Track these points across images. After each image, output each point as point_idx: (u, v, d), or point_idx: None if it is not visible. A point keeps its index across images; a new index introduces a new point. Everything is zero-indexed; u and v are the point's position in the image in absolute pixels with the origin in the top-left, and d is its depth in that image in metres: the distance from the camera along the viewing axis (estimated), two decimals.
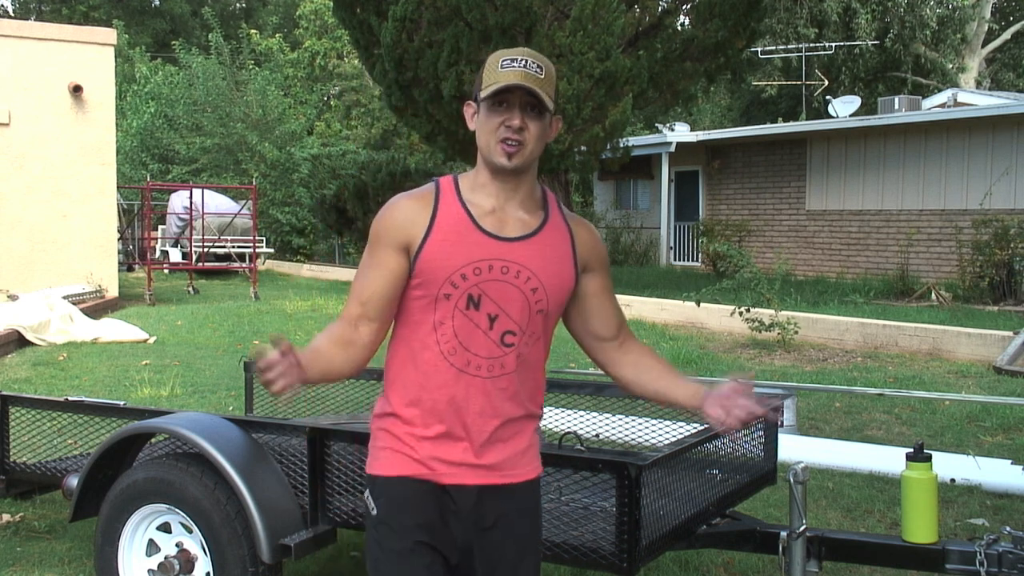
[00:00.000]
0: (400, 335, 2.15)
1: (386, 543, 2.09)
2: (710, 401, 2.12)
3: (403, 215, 2.11)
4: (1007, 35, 31.41)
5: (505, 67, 2.03)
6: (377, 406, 2.19)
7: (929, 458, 2.98)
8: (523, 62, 2.03)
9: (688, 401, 2.18)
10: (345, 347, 2.10)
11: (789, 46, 28.22)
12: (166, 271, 21.39)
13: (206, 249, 20.47)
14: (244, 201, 20.97)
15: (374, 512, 2.12)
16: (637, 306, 12.40)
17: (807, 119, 23.72)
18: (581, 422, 4.32)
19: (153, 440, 3.76)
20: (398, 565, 2.07)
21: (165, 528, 3.26)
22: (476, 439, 2.10)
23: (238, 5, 48.64)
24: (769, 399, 1.96)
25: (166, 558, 3.21)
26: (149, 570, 3.27)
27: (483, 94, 2.06)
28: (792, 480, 2.97)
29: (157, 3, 46.39)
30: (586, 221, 2.28)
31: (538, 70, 2.04)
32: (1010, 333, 9.08)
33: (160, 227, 23.20)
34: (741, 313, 10.09)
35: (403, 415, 2.12)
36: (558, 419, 4.47)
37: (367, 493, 2.15)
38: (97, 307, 13.38)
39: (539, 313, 2.11)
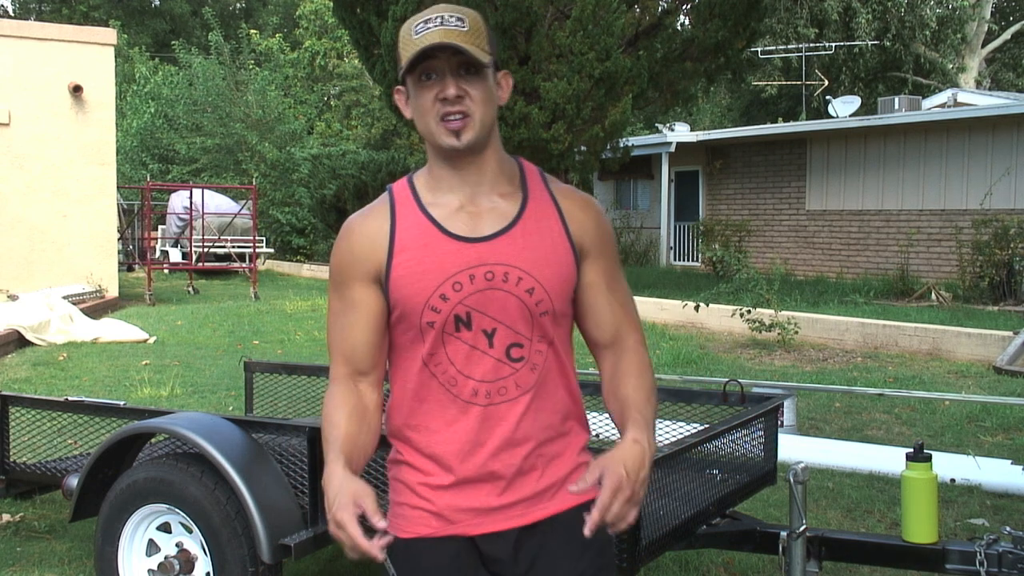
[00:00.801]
0: (395, 377, 1.84)
1: None
2: (596, 466, 1.63)
3: (359, 242, 1.78)
4: (1007, 35, 31.42)
5: (419, 32, 1.68)
6: (391, 452, 1.87)
7: (929, 458, 2.98)
8: (438, 19, 1.68)
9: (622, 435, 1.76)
10: (367, 422, 1.78)
11: (789, 46, 28.23)
12: (166, 271, 21.39)
13: (206, 249, 20.47)
14: (244, 201, 20.97)
15: None
16: (637, 306, 12.34)
17: (807, 119, 23.72)
18: None
19: (153, 440, 3.76)
20: None
21: (165, 528, 3.26)
22: (503, 476, 1.76)
23: (238, 5, 48.64)
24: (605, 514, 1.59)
25: (166, 558, 3.21)
26: (149, 570, 3.27)
27: (403, 67, 1.71)
28: (792, 480, 2.97)
29: (157, 3, 46.40)
30: (583, 194, 1.87)
31: (459, 22, 1.69)
32: (1010, 333, 9.08)
33: (160, 227, 23.21)
34: (742, 315, 10.10)
35: (414, 463, 1.79)
36: None
37: (386, 554, 1.76)
38: (97, 307, 13.38)
39: (544, 316, 1.76)
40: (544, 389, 1.78)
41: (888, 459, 5.34)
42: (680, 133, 20.39)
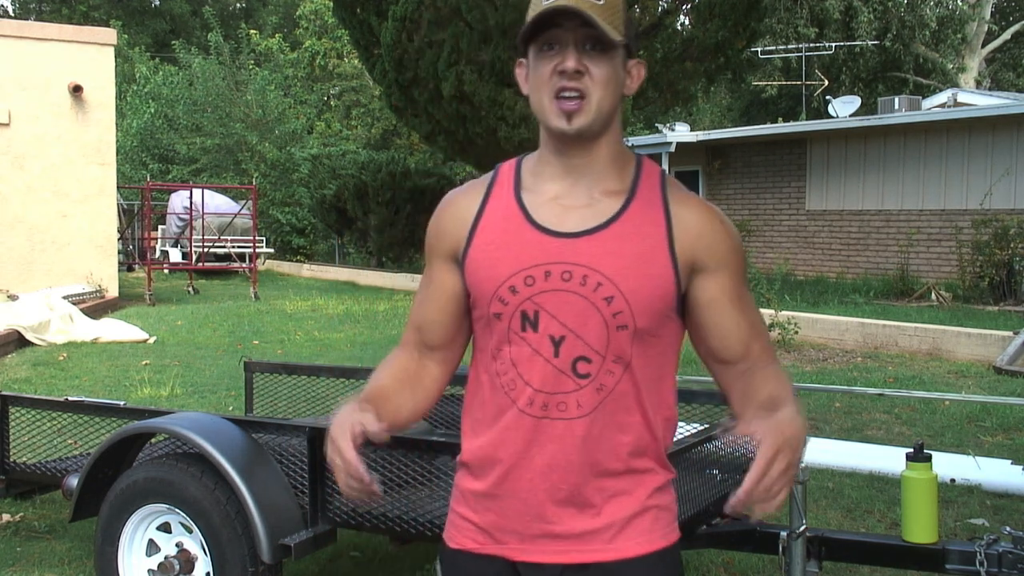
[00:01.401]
0: (471, 369, 1.71)
1: None
2: (759, 424, 1.47)
3: (448, 217, 1.68)
4: (1007, 35, 31.42)
5: None
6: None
7: (929, 458, 2.98)
8: None
9: (753, 408, 1.59)
10: (412, 387, 1.70)
11: (789, 46, 28.22)
12: (166, 271, 21.39)
13: (206, 249, 20.47)
14: (244, 201, 20.97)
15: None
16: None
17: (807, 119, 23.72)
18: None
19: (153, 440, 3.76)
20: None
21: (165, 528, 3.26)
22: (551, 501, 1.59)
23: (238, 5, 48.65)
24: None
25: (166, 558, 3.21)
26: (149, 570, 3.27)
27: (523, 34, 1.56)
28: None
29: (157, 3, 46.41)
30: (705, 203, 1.67)
31: None
32: (1010, 333, 9.08)
33: (160, 227, 23.21)
34: None
35: (469, 464, 1.67)
36: None
37: (438, 563, 1.75)
38: (97, 307, 13.38)
39: (621, 330, 1.56)
40: (612, 416, 1.58)
41: (888, 459, 5.33)
42: (680, 133, 20.38)
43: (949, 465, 5.15)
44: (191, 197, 19.44)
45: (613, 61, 1.55)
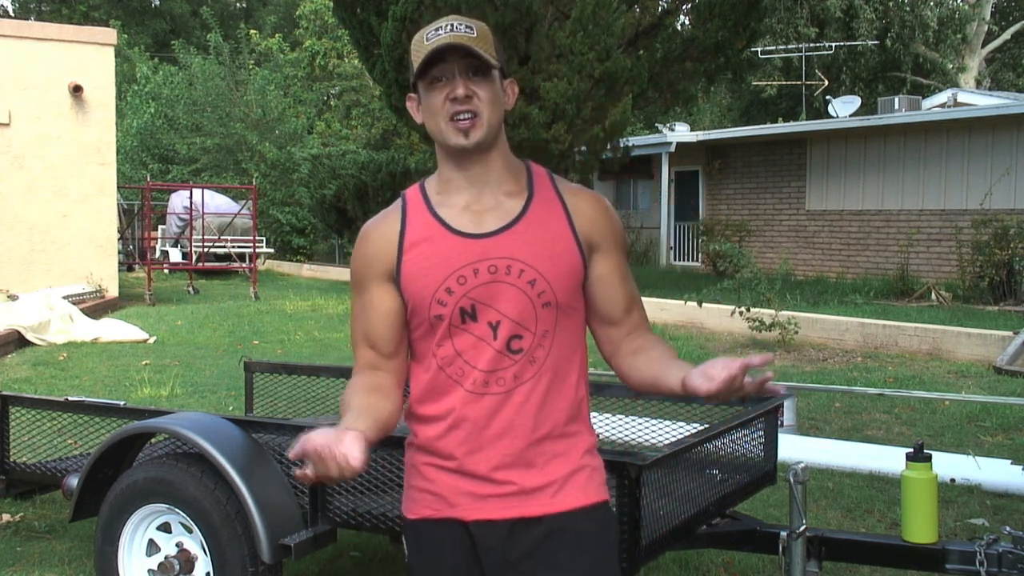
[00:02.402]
0: (412, 369, 1.94)
1: None
2: (695, 373, 1.74)
3: (373, 244, 1.90)
4: (1007, 35, 31.42)
5: (430, 38, 1.79)
6: (408, 436, 1.99)
7: (929, 458, 2.98)
8: (448, 27, 1.80)
9: (675, 378, 1.79)
10: (379, 393, 1.87)
11: (789, 46, 28.22)
12: (166, 271, 21.39)
13: (206, 249, 20.47)
14: (244, 201, 20.97)
15: (406, 557, 1.95)
16: None
17: (807, 119, 23.72)
18: None
19: (153, 440, 3.76)
20: None
21: (165, 528, 3.26)
22: (500, 465, 1.83)
23: (238, 5, 48.65)
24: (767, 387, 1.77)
25: (166, 558, 3.21)
26: (149, 570, 3.27)
27: (416, 72, 1.81)
28: (792, 480, 2.97)
29: (157, 3, 46.41)
30: (592, 193, 1.96)
31: (468, 30, 1.80)
32: (1010, 333, 9.08)
33: (160, 227, 23.21)
34: (741, 313, 10.10)
35: (423, 446, 1.90)
36: None
37: (403, 537, 1.97)
38: (97, 307, 13.38)
39: (546, 307, 1.83)
40: (546, 384, 1.83)
41: (888, 459, 5.34)
42: (680, 133, 20.39)
43: (949, 465, 5.15)
44: (191, 197, 19.44)
45: (493, 83, 1.83)
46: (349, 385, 1.90)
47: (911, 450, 3.00)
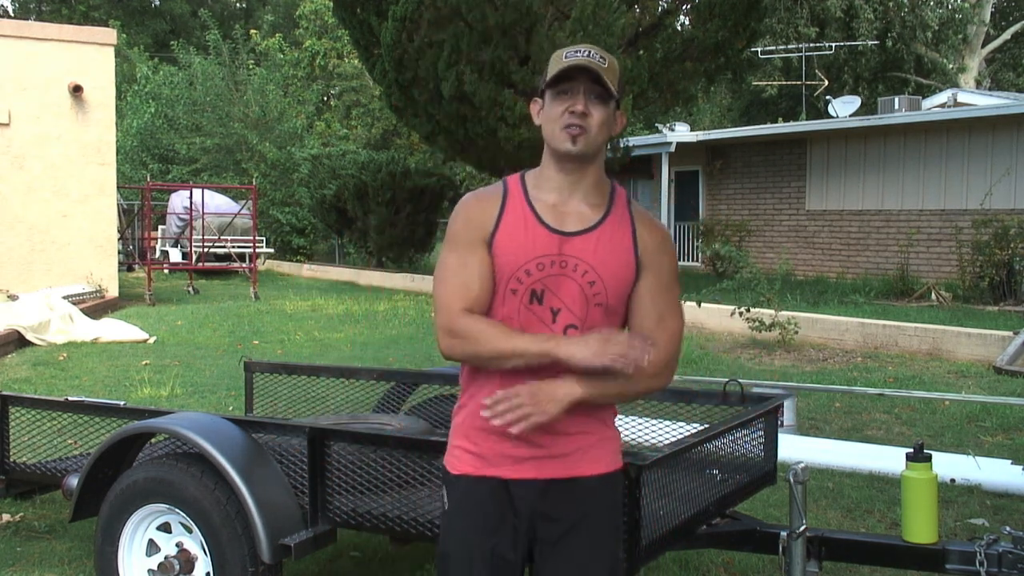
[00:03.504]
0: None
1: (450, 538, 2.20)
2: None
3: (476, 211, 2.17)
4: (1007, 35, 31.41)
5: (569, 57, 2.09)
6: (459, 399, 2.27)
7: (929, 458, 2.98)
8: (587, 52, 2.09)
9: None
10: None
11: (789, 46, 28.21)
12: (166, 271, 21.39)
13: (206, 249, 20.47)
14: (244, 201, 20.97)
15: (446, 507, 2.22)
16: None
17: (807, 119, 23.71)
18: None
19: (153, 440, 3.76)
20: (457, 561, 2.17)
21: (165, 528, 3.26)
22: (542, 433, 2.11)
23: (238, 5, 48.65)
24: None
25: (166, 558, 3.21)
26: (149, 570, 3.27)
27: (548, 80, 2.11)
28: (792, 480, 2.97)
29: (157, 3, 46.41)
30: (659, 223, 2.27)
31: (601, 60, 2.09)
32: (1010, 333, 9.08)
33: (160, 227, 23.20)
34: (741, 313, 10.10)
35: (472, 410, 2.17)
36: None
37: (444, 487, 2.24)
38: (97, 307, 13.38)
39: (598, 306, 2.14)
40: (587, 373, 2.07)
41: (888, 459, 5.34)
42: (680, 133, 20.37)
43: (949, 465, 5.15)
44: (191, 197, 19.43)
45: (608, 109, 2.12)
46: (474, 321, 2.11)
47: (911, 450, 3.00)
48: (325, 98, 35.06)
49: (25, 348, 10.39)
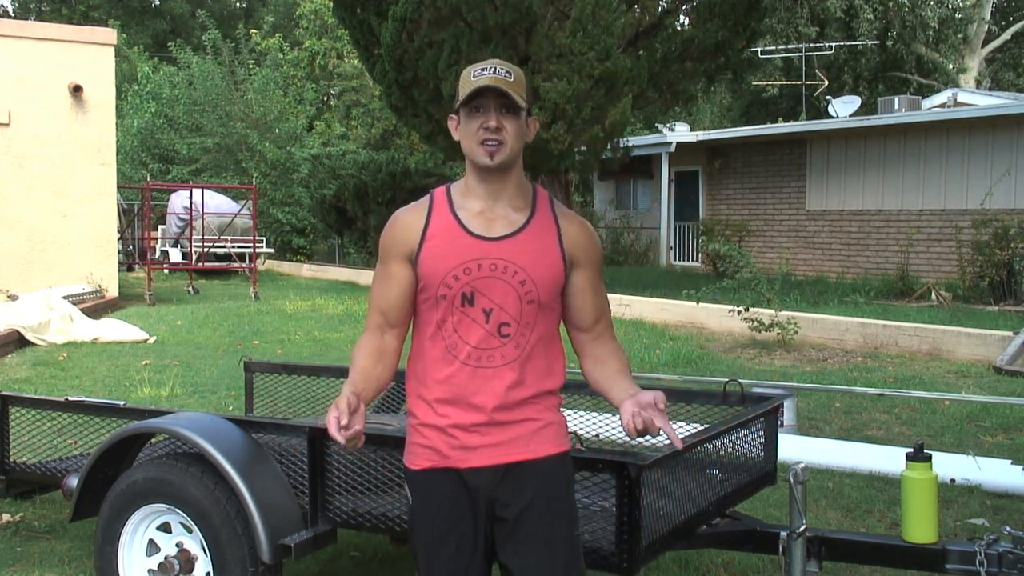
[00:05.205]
0: (414, 336, 2.38)
1: (418, 530, 2.34)
2: (628, 402, 2.15)
3: (400, 228, 2.33)
4: (1007, 35, 31.41)
5: (476, 76, 2.23)
6: (408, 400, 2.41)
7: (929, 458, 2.98)
8: (492, 69, 2.24)
9: (617, 399, 2.24)
10: (381, 358, 2.33)
11: (789, 46, 28.20)
12: (166, 271, 21.39)
13: (206, 249, 20.47)
14: (244, 201, 20.97)
15: (409, 502, 2.36)
16: (637, 306, 12.40)
17: (807, 119, 23.72)
18: (581, 422, 4.32)
19: (153, 440, 3.76)
20: (427, 551, 2.31)
21: (165, 528, 3.26)
22: (487, 423, 2.26)
23: (238, 5, 48.65)
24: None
25: (166, 558, 3.21)
26: (149, 570, 3.27)
27: (459, 101, 2.25)
28: (792, 480, 2.97)
29: (157, 3, 46.41)
30: (581, 219, 2.40)
31: (507, 75, 2.23)
32: (1010, 333, 9.08)
33: (160, 227, 23.20)
34: (740, 313, 10.10)
35: (421, 409, 2.32)
36: None
37: (406, 484, 2.39)
38: (97, 307, 13.38)
39: (531, 304, 2.27)
40: (526, 365, 2.28)
41: (888, 459, 5.34)
42: (680, 133, 20.38)
43: (949, 465, 5.15)
44: (191, 197, 19.43)
45: (519, 119, 2.26)
46: (359, 343, 2.35)
47: (911, 450, 3.00)
48: (325, 98, 35.05)
49: (25, 348, 10.39)
